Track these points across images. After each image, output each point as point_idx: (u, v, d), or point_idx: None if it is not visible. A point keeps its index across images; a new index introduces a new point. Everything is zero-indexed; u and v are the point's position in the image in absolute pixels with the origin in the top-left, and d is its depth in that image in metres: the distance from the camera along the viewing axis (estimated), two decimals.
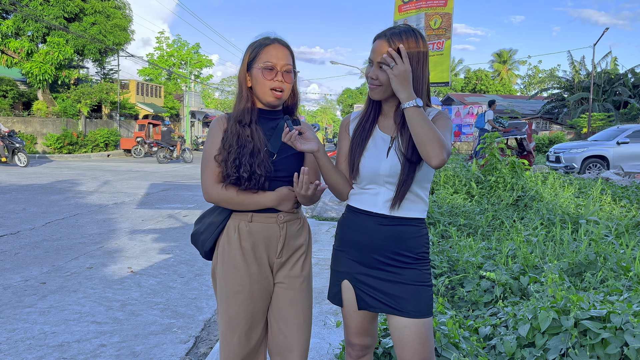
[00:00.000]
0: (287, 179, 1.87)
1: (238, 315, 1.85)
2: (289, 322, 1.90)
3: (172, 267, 5.02)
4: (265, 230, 1.86)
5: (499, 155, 7.89)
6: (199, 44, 44.47)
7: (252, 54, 1.86)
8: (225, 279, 1.87)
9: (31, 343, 3.18)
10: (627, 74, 33.43)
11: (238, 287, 1.85)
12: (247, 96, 1.88)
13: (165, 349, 3.17)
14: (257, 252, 1.86)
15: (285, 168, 1.87)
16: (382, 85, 1.73)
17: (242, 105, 1.87)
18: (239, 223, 1.86)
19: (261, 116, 1.90)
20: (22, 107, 26.09)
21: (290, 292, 1.91)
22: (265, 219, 1.86)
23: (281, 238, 1.88)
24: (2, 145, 15.74)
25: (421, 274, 1.76)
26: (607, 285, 3.44)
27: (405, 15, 11.05)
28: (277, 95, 1.84)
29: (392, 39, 1.71)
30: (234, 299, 1.85)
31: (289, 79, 1.85)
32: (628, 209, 6.89)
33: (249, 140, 1.82)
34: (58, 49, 22.77)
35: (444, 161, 1.60)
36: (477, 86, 53.21)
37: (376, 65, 1.73)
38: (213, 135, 1.89)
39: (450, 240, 5.09)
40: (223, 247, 1.89)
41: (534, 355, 2.51)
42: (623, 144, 13.83)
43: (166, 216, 7.91)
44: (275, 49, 1.83)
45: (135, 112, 31.90)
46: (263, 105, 1.90)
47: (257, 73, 1.83)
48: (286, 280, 1.91)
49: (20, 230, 6.47)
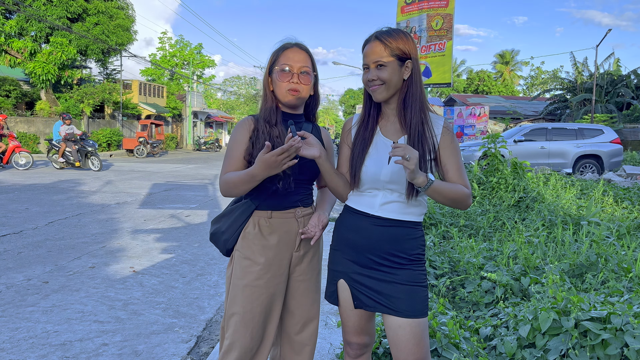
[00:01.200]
0: (308, 180, 1.98)
1: (253, 310, 1.88)
2: (304, 312, 2.00)
3: (174, 267, 5.03)
4: (284, 225, 1.93)
5: (500, 156, 7.89)
6: (201, 45, 44.63)
7: (272, 58, 1.93)
8: (242, 273, 1.90)
9: (34, 342, 3.20)
10: (629, 75, 33.34)
11: (255, 282, 1.88)
12: (272, 99, 1.95)
13: (167, 348, 3.18)
14: (277, 247, 1.92)
15: (306, 171, 1.94)
16: (385, 83, 1.74)
17: (268, 108, 1.94)
18: (259, 219, 1.92)
19: (284, 119, 1.95)
20: (25, 107, 26.17)
21: (305, 283, 2.00)
22: (284, 214, 1.93)
23: (299, 231, 1.94)
24: (75, 149, 15.23)
25: (415, 275, 1.77)
26: (607, 286, 3.44)
27: (408, 16, 11.06)
28: (294, 94, 1.89)
29: (384, 39, 1.73)
30: (251, 293, 1.88)
31: (306, 80, 1.90)
32: (630, 211, 6.88)
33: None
34: (61, 49, 22.85)
35: (471, 201, 1.77)
36: (480, 87, 53.15)
37: (373, 66, 1.75)
38: (239, 134, 1.93)
39: (452, 241, 5.10)
40: (242, 244, 1.93)
41: (534, 355, 2.51)
42: (519, 142, 14.10)
43: (168, 216, 7.93)
44: (292, 52, 1.90)
45: (137, 112, 31.97)
46: (286, 108, 1.96)
47: (275, 76, 1.90)
48: (302, 273, 1.99)
49: (23, 230, 6.50)
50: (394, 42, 1.73)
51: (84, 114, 25.70)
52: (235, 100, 61.26)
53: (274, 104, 1.94)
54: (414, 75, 1.76)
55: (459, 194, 1.71)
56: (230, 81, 63.89)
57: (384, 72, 1.73)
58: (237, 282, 1.91)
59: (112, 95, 27.26)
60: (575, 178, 10.64)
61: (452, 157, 1.77)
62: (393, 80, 1.75)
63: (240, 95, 61.81)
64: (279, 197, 1.90)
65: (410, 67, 1.76)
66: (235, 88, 62.80)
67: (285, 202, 1.93)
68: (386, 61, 1.73)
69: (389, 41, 1.73)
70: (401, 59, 1.74)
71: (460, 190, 1.72)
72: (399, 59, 1.74)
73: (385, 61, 1.73)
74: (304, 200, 1.98)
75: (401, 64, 1.75)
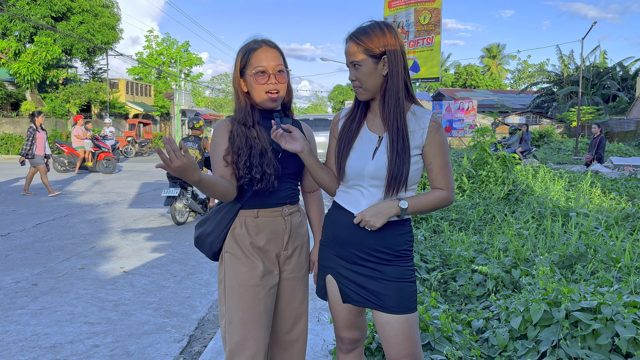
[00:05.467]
0: (294, 175, 1.95)
1: (251, 310, 1.83)
2: (293, 310, 1.98)
3: (164, 267, 5.00)
4: (271, 224, 1.91)
5: (489, 149, 7.93)
6: (188, 42, 44.05)
7: (242, 60, 1.88)
8: (235, 275, 1.86)
9: (24, 345, 3.16)
10: (615, 67, 33.69)
11: (249, 282, 1.85)
12: (245, 100, 1.91)
13: (159, 349, 3.16)
14: (265, 246, 1.89)
15: (291, 166, 1.92)
16: (362, 85, 1.75)
17: (243, 109, 1.90)
18: (246, 219, 1.89)
19: (262, 116, 1.92)
20: (10, 107, 25.85)
21: (294, 282, 1.98)
22: (271, 212, 1.91)
23: (287, 230, 1.93)
24: None
25: (402, 271, 1.76)
26: (597, 276, 3.47)
27: (395, 11, 11.06)
28: (273, 97, 1.86)
29: (357, 38, 1.72)
30: (245, 293, 1.84)
31: (282, 78, 1.88)
32: (617, 201, 6.95)
33: (257, 142, 1.84)
34: (46, 48, 22.56)
35: (452, 201, 1.81)
36: (468, 81, 53.36)
37: (351, 65, 1.75)
38: (218, 138, 1.91)
39: (443, 235, 5.12)
40: (230, 244, 1.90)
41: (526, 347, 2.53)
42: None
43: (158, 215, 7.88)
44: (264, 52, 1.85)
45: (125, 112, 31.70)
46: (260, 105, 1.92)
47: (251, 80, 1.85)
48: (291, 271, 1.97)
49: (11, 232, 6.42)
50: (366, 41, 1.71)
51: (71, 114, 25.43)
52: (223, 98, 60.93)
53: (249, 104, 1.90)
54: (392, 69, 1.73)
55: (436, 202, 1.75)
56: (218, 79, 63.50)
57: (359, 72, 1.73)
58: (231, 284, 1.86)
59: (99, 94, 26.99)
60: (564, 170, 10.72)
61: (437, 155, 1.76)
62: (370, 80, 1.73)
63: (229, 93, 61.48)
64: (265, 195, 1.88)
65: (387, 62, 1.73)
66: (223, 86, 62.39)
67: (271, 200, 1.90)
68: (359, 60, 1.72)
69: (362, 40, 1.71)
70: (376, 57, 1.72)
71: (436, 198, 1.75)
72: (374, 56, 1.72)
73: (359, 60, 1.72)
74: (290, 198, 1.95)
75: (377, 61, 1.72)
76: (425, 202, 1.74)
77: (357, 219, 1.72)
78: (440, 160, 1.76)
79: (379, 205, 1.70)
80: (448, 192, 1.76)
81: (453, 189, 1.78)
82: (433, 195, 1.75)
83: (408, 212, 1.72)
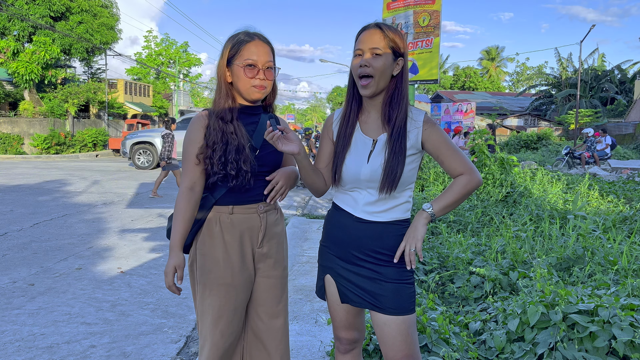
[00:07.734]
0: (269, 173, 1.92)
1: (221, 307, 1.84)
2: (269, 309, 1.95)
3: (162, 267, 4.99)
4: (246, 221, 1.89)
5: (487, 151, 7.94)
6: (187, 43, 44.09)
7: (232, 49, 1.85)
8: (208, 271, 1.86)
9: (20, 345, 3.15)
10: (613, 70, 33.79)
11: (222, 280, 1.85)
12: (227, 92, 1.88)
13: (156, 349, 3.15)
14: (240, 244, 1.88)
15: (268, 163, 1.91)
16: (375, 76, 1.70)
17: (222, 102, 1.87)
18: (220, 216, 1.88)
19: (241, 112, 1.90)
20: (8, 107, 25.79)
21: (270, 280, 1.95)
22: (245, 210, 1.89)
23: (262, 228, 1.91)
24: None
25: (400, 272, 1.76)
26: (594, 279, 3.47)
27: (394, 12, 11.07)
28: (260, 90, 1.85)
29: (385, 29, 1.71)
30: (218, 291, 1.85)
31: (271, 75, 1.87)
32: (615, 204, 6.96)
33: (234, 137, 1.82)
34: (44, 48, 22.53)
35: (479, 179, 1.74)
36: (466, 83, 53.48)
37: (369, 52, 1.70)
38: (193, 133, 1.87)
39: (440, 237, 5.12)
40: (204, 240, 1.88)
41: (523, 349, 2.53)
42: None
43: (156, 215, 7.87)
44: (256, 45, 1.83)
45: (123, 112, 31.66)
46: (244, 100, 1.91)
47: (239, 70, 1.83)
48: (266, 269, 1.95)
49: (8, 232, 6.41)
50: (392, 35, 1.71)
51: (69, 114, 25.39)
52: None
53: (231, 98, 1.88)
54: (404, 72, 1.76)
55: (462, 189, 1.72)
56: None
57: (378, 61, 1.70)
58: (204, 281, 1.87)
59: (97, 94, 26.96)
60: (561, 172, 10.74)
61: (441, 146, 1.75)
62: (384, 74, 1.71)
63: None
64: (239, 191, 1.86)
65: (402, 64, 1.75)
66: None
67: (246, 197, 1.88)
68: (383, 51, 1.70)
69: (389, 32, 1.70)
70: (396, 54, 1.73)
71: (459, 185, 1.72)
72: (395, 53, 1.72)
73: (382, 51, 1.70)
74: (265, 196, 1.92)
75: (395, 59, 1.73)
76: (451, 194, 1.73)
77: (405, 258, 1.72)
78: (446, 148, 1.75)
79: (410, 230, 1.73)
80: (469, 174, 1.73)
81: (473, 169, 1.74)
82: (456, 184, 1.73)
83: (437, 211, 1.72)
